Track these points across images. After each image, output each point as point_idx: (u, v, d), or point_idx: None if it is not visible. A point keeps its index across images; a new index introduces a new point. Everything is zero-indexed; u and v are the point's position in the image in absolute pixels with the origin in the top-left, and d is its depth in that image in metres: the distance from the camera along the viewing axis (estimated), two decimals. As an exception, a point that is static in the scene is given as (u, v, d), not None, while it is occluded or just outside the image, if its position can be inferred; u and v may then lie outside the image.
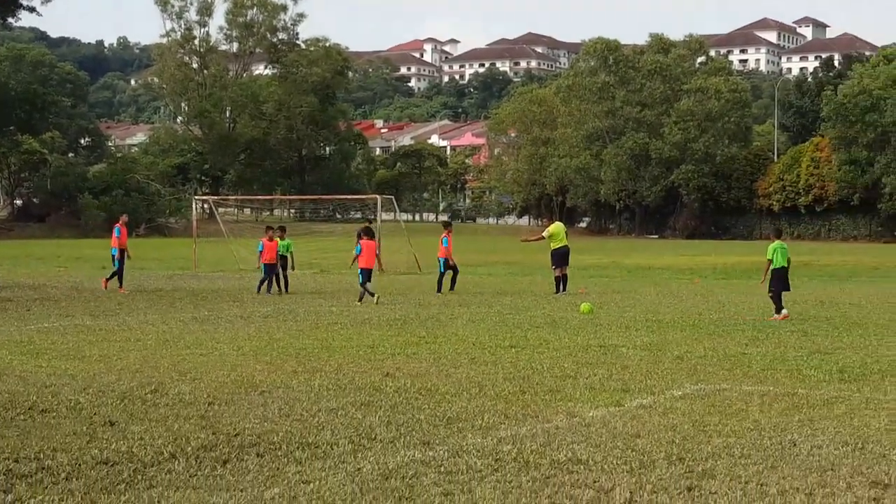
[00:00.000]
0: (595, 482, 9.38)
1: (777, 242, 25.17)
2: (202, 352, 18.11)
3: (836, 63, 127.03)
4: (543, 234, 33.80)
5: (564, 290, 32.12)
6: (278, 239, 33.42)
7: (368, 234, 30.74)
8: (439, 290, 32.36)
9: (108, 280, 33.56)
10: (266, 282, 32.49)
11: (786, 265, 24.90)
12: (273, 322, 23.54)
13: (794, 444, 10.85)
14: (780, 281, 24.63)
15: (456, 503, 8.75)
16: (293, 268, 34.34)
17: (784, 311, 24.15)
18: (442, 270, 33.18)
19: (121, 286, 33.09)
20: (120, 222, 35.05)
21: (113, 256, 34.04)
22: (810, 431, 11.49)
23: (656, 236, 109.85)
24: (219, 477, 9.55)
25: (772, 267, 24.78)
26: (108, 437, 11.12)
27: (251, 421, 11.98)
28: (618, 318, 24.59)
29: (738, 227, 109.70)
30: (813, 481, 9.42)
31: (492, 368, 16.16)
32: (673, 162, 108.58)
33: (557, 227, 33.97)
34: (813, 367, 16.31)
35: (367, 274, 29.41)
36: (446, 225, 35.54)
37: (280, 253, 33.04)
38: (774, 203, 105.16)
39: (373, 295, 28.52)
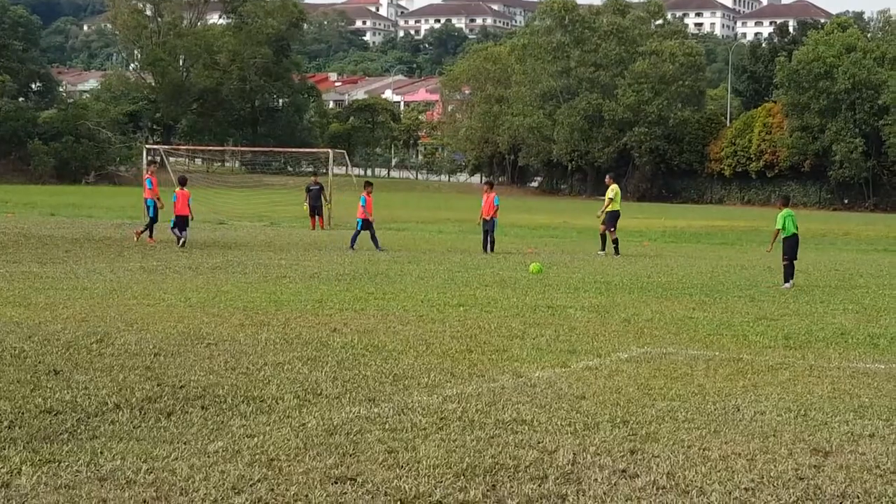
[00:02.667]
0: (539, 443, 9.40)
1: (786, 210, 24.75)
2: (149, 302, 18.00)
3: (790, 29, 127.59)
4: (611, 195, 33.36)
5: (617, 252, 32.43)
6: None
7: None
8: (352, 246, 32.18)
9: (141, 232, 32.83)
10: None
11: (796, 232, 24.62)
12: (221, 274, 23.43)
13: (738, 410, 10.92)
14: (792, 249, 24.42)
15: (400, 460, 8.74)
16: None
17: (792, 282, 23.98)
18: (359, 229, 33.03)
19: (151, 237, 32.58)
20: (149, 173, 34.65)
21: (148, 207, 33.50)
22: (754, 397, 11.57)
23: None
24: (163, 429, 9.51)
25: (783, 235, 24.45)
26: (52, 385, 11.03)
27: (196, 373, 11.92)
28: (566, 279, 24.66)
29: (688, 190, 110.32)
30: (755, 447, 9.49)
31: (439, 326, 16.16)
32: (626, 124, 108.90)
33: (618, 189, 33.87)
34: (759, 332, 16.43)
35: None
36: (366, 185, 35.46)
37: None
38: (726, 168, 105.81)
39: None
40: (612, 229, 32.86)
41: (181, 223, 31.85)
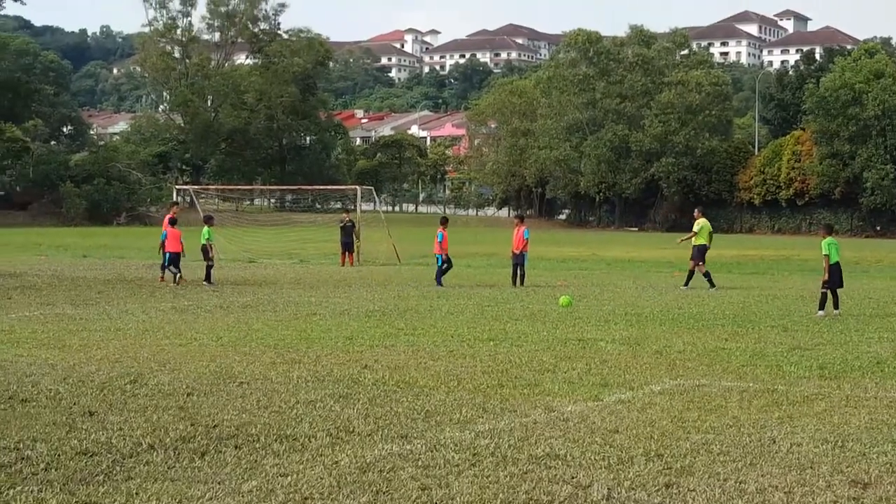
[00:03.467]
0: (573, 478, 9.37)
1: (830, 238, 24.73)
2: (181, 342, 18.06)
3: (817, 56, 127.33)
4: (696, 229, 33.32)
5: (712, 285, 31.85)
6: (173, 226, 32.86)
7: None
8: (439, 283, 32.29)
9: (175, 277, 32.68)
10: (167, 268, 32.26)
11: (838, 261, 24.52)
12: (252, 313, 23.49)
13: (774, 442, 10.85)
14: (835, 276, 24.31)
15: (433, 497, 8.73)
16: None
17: (825, 312, 23.82)
18: (440, 265, 33.09)
19: (163, 277, 32.65)
20: (172, 213, 34.36)
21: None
22: (790, 428, 11.49)
23: (636, 229, 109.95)
24: (197, 469, 9.53)
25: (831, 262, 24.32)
26: (88, 427, 11.08)
27: (229, 412, 11.95)
28: (597, 311, 24.60)
29: (718, 220, 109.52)
30: (792, 479, 9.42)
31: (470, 361, 16.15)
32: (653, 154, 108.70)
33: (707, 223, 33.78)
34: (793, 363, 16.33)
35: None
36: (443, 221, 35.36)
37: (206, 241, 32.54)
38: (755, 196, 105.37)
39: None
40: (701, 263, 32.44)
41: (174, 260, 32.09)
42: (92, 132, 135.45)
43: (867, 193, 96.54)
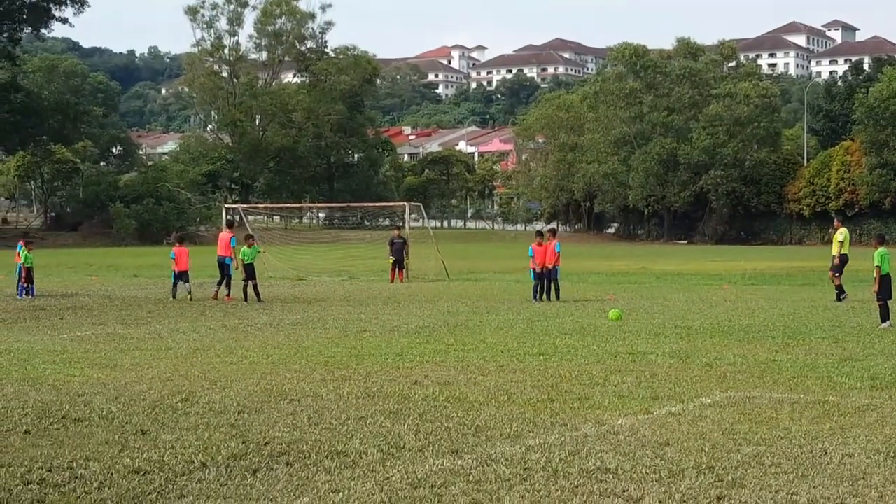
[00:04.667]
0: (624, 491, 9.37)
1: (883, 249, 24.55)
2: (232, 360, 18.18)
3: (865, 66, 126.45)
4: (840, 239, 32.61)
5: (844, 296, 31.28)
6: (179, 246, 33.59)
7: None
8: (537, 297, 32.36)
9: (227, 293, 33.07)
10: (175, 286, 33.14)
11: (889, 272, 24.39)
12: (302, 330, 23.60)
13: (825, 453, 10.79)
14: (888, 288, 24.19)
15: (485, 512, 8.75)
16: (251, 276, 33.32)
17: (889, 322, 23.59)
18: (533, 278, 33.04)
19: (227, 293, 33.04)
20: (228, 232, 34.75)
21: (220, 265, 33.80)
22: (841, 440, 11.43)
23: (685, 242, 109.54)
24: (249, 486, 9.60)
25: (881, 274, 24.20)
26: (140, 445, 11.19)
27: (281, 430, 12.02)
28: (646, 324, 24.53)
29: (767, 232, 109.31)
30: (844, 491, 9.38)
31: (520, 376, 16.16)
32: (701, 167, 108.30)
33: (847, 233, 33.24)
34: (844, 374, 16.23)
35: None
36: (537, 234, 35.35)
37: (246, 261, 32.69)
38: (805, 208, 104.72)
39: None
40: (838, 274, 31.89)
41: (183, 277, 33.06)
42: (141, 152, 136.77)
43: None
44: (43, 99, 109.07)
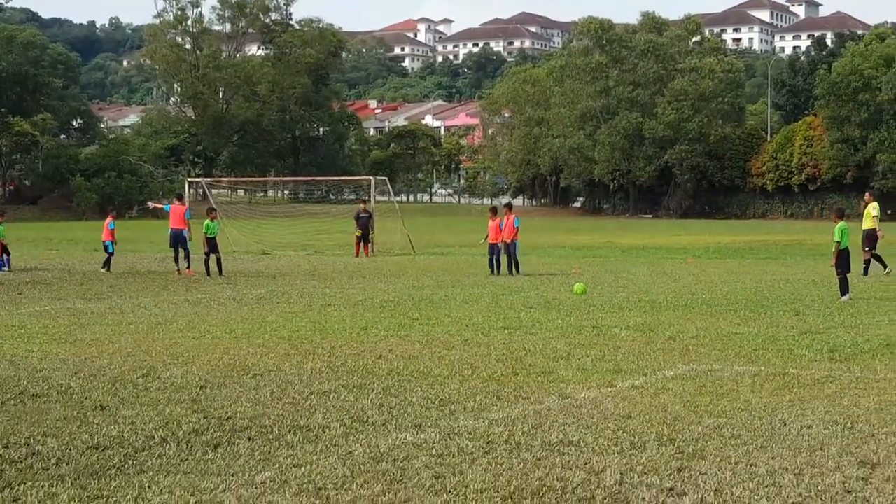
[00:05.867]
0: (586, 464, 9.40)
1: (842, 223, 24.65)
2: (194, 335, 18.11)
3: (828, 42, 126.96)
4: (875, 212, 31.97)
5: (866, 273, 30.55)
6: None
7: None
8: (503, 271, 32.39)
9: (188, 266, 33.00)
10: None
11: (848, 246, 24.52)
12: (266, 305, 23.54)
13: (784, 424, 10.87)
14: (847, 262, 24.32)
15: (447, 486, 8.75)
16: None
17: (849, 294, 23.70)
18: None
19: (183, 268, 32.87)
20: (181, 204, 34.81)
21: (174, 237, 33.71)
22: (800, 411, 11.52)
23: (650, 216, 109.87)
24: (210, 461, 9.56)
25: (840, 248, 24.24)
26: (99, 421, 11.12)
27: (243, 404, 11.98)
28: (611, 298, 24.61)
29: (731, 206, 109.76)
30: (802, 461, 9.45)
31: (484, 350, 16.18)
32: (666, 141, 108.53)
33: (878, 206, 32.66)
34: (804, 346, 16.34)
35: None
36: (491, 209, 35.27)
37: (209, 235, 32.52)
38: (768, 182, 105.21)
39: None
40: (868, 248, 31.35)
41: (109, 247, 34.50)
42: (102, 125, 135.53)
43: (879, 177, 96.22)
44: (1, 70, 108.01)
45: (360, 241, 43.09)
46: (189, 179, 61.75)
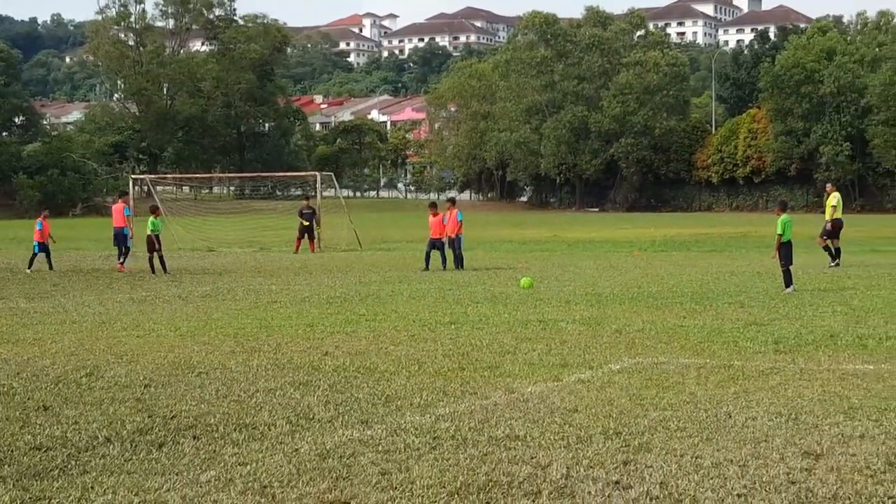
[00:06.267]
0: (532, 458, 9.41)
1: (785, 215, 24.80)
2: (139, 333, 17.97)
3: (771, 35, 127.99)
4: (834, 203, 32.40)
5: (838, 260, 31.36)
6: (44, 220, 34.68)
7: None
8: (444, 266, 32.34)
9: (122, 263, 33.17)
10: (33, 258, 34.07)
11: (791, 238, 24.68)
12: (211, 302, 23.40)
13: (730, 416, 10.93)
14: (790, 254, 24.47)
15: (393, 482, 8.74)
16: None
17: (793, 286, 23.92)
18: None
19: (122, 264, 32.90)
20: (122, 202, 35.24)
21: (116, 236, 33.80)
22: (745, 403, 11.59)
23: (597, 209, 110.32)
24: (154, 461, 9.49)
25: (783, 240, 24.48)
26: (42, 422, 11.01)
27: (188, 403, 11.91)
28: (557, 292, 24.66)
29: (677, 199, 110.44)
30: (747, 453, 9.51)
31: (431, 345, 16.16)
32: (612, 135, 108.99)
33: (840, 198, 33.05)
34: (749, 338, 16.45)
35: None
36: (431, 205, 35.10)
37: (152, 232, 32.39)
38: (713, 175, 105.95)
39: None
40: (825, 238, 32.04)
41: (45, 248, 34.32)
42: (45, 122, 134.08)
43: (822, 169, 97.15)
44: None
45: (301, 237, 42.96)
46: (133, 176, 61.29)
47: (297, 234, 43.11)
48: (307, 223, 42.86)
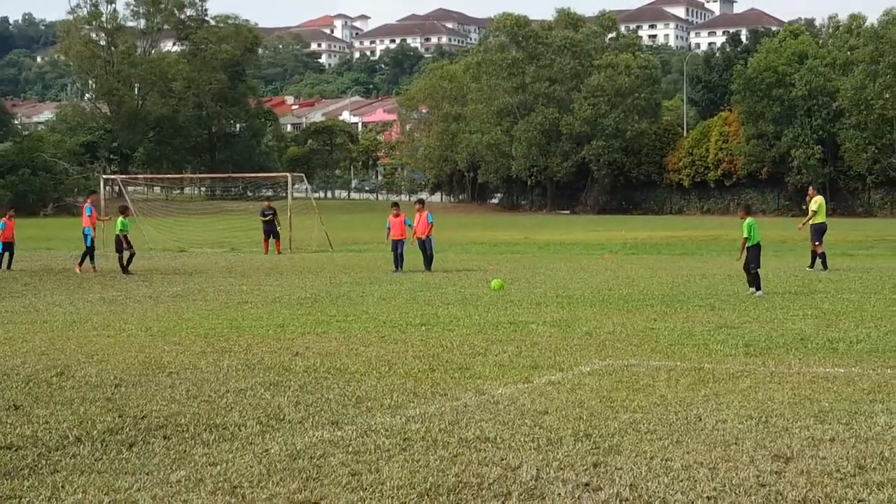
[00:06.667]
0: (502, 460, 9.42)
1: (750, 219, 24.89)
2: (109, 333, 17.91)
3: (743, 38, 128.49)
4: (814, 208, 32.13)
5: (825, 267, 31.06)
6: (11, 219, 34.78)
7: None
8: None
9: (80, 263, 33.14)
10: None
11: (759, 241, 24.77)
12: (182, 302, 23.35)
13: (700, 419, 10.97)
14: (757, 257, 24.60)
15: (363, 483, 8.74)
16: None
17: (763, 290, 24.03)
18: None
19: (93, 266, 32.80)
20: (89, 201, 35.44)
21: (85, 236, 33.64)
22: (715, 406, 11.62)
23: (568, 212, 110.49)
24: (125, 460, 9.46)
25: (749, 244, 24.66)
26: (13, 421, 10.97)
27: (158, 403, 11.88)
28: (528, 294, 24.70)
29: (648, 202, 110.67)
30: (717, 455, 9.54)
31: (402, 346, 16.17)
32: (583, 137, 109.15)
33: (822, 201, 32.73)
34: (719, 341, 16.51)
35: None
36: (393, 205, 35.08)
37: (120, 232, 32.41)
38: (684, 178, 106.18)
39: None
40: (819, 243, 31.58)
41: (9, 248, 34.41)
42: (16, 122, 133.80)
43: (794, 173, 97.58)
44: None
45: (267, 238, 43.03)
46: (104, 176, 61.03)
47: (263, 235, 43.17)
48: (267, 218, 42.96)
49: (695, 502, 8.25)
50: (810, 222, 32.12)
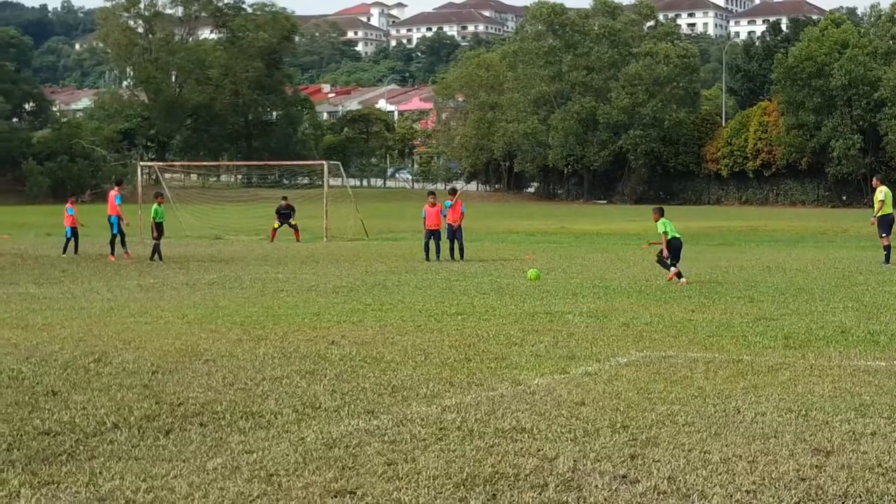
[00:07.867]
0: (539, 451, 9.37)
1: (663, 219, 25.34)
2: (147, 320, 17.97)
3: (783, 27, 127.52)
4: (881, 198, 30.78)
5: (887, 260, 29.56)
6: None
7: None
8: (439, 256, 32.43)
9: (112, 252, 33.54)
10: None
11: (678, 236, 25.18)
12: (218, 290, 23.40)
13: (738, 412, 10.87)
14: (676, 251, 25.03)
15: (399, 472, 8.71)
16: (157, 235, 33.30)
17: (684, 280, 24.34)
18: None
19: (126, 252, 33.08)
20: (116, 189, 35.78)
21: (112, 224, 33.93)
22: (754, 398, 11.52)
23: (604, 202, 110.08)
24: (161, 447, 9.47)
25: (667, 238, 25.03)
26: (51, 407, 11.01)
27: (195, 390, 11.89)
28: (565, 284, 24.62)
29: (686, 192, 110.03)
30: (756, 449, 9.45)
31: (437, 336, 16.13)
32: (621, 127, 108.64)
33: (888, 191, 31.19)
34: (758, 333, 16.39)
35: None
36: (430, 194, 35.18)
37: (156, 219, 32.84)
38: (722, 168, 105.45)
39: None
40: (886, 234, 30.09)
41: (75, 233, 35.34)
42: (54, 109, 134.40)
43: (833, 164, 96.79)
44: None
45: (276, 230, 43.74)
46: (142, 164, 61.29)
47: (277, 224, 43.91)
48: (278, 225, 43.73)
49: (734, 496, 8.16)
50: (879, 214, 30.70)
